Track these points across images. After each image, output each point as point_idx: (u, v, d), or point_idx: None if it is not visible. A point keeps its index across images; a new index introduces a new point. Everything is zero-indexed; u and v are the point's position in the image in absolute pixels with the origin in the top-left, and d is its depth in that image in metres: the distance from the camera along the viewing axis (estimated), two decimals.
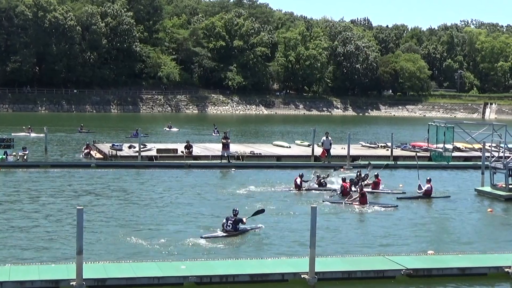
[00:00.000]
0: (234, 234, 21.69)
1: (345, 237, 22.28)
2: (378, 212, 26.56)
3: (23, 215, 24.20)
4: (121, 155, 42.56)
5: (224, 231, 21.76)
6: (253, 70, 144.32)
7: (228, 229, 21.74)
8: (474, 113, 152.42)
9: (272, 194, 29.94)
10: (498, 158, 31.83)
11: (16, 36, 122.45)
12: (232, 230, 21.75)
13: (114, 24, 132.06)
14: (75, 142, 55.15)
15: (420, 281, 17.42)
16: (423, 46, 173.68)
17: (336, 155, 43.11)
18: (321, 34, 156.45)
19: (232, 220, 21.86)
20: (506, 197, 29.89)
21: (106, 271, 16.56)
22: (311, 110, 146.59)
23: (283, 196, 29.63)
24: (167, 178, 35.06)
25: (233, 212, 22.28)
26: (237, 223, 21.92)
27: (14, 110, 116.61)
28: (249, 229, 22.32)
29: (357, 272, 17.35)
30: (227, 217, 22.10)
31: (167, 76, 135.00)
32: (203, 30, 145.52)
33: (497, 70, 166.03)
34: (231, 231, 21.73)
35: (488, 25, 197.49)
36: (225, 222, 21.90)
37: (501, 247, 20.64)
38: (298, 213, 25.42)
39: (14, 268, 16.63)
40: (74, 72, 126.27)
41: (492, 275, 17.84)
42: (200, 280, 16.51)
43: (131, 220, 23.97)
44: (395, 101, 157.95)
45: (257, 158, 43.32)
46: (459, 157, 44.57)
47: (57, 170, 36.54)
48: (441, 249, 20.39)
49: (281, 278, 16.91)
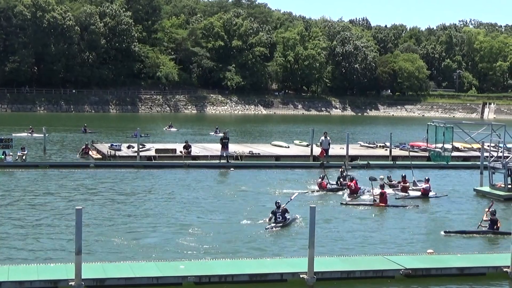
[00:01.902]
0: (286, 225, 22.92)
1: (343, 236, 22.28)
2: (379, 212, 26.56)
3: (22, 215, 24.18)
4: (120, 155, 42.54)
5: (277, 223, 22.86)
6: (252, 70, 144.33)
7: (279, 220, 22.91)
8: (473, 113, 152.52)
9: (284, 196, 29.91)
10: (497, 158, 31.81)
11: (14, 36, 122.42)
12: (283, 221, 23.03)
13: (112, 24, 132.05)
14: (79, 142, 54.55)
15: (419, 281, 17.42)
16: (422, 46, 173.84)
17: (334, 155, 43.08)
18: (320, 34, 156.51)
19: (280, 212, 23.08)
20: (505, 197, 29.87)
21: (105, 271, 16.54)
22: (309, 110, 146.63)
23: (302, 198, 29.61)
24: (166, 178, 35.05)
25: (276, 204, 23.43)
26: (285, 213, 23.18)
27: (13, 110, 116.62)
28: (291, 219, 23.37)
29: (356, 272, 17.34)
30: (273, 211, 23.24)
31: (165, 76, 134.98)
32: (201, 30, 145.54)
33: (496, 70, 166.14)
34: (282, 221, 22.99)
35: (487, 25, 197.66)
36: (272, 216, 23.08)
37: (500, 247, 20.63)
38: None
39: (12, 268, 16.61)
40: (72, 72, 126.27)
41: (491, 275, 17.83)
42: (199, 280, 16.51)
43: (130, 220, 23.96)
44: (394, 101, 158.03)
45: (256, 158, 43.31)
46: (458, 157, 44.54)
47: (56, 170, 36.51)
48: (440, 249, 20.39)
49: (280, 278, 16.90)
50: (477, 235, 22.42)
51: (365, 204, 27.90)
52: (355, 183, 30.07)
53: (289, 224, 23.11)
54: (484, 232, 22.47)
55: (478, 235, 22.43)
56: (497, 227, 22.46)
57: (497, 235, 22.31)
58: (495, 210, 23.05)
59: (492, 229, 22.42)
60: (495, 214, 22.79)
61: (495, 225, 22.49)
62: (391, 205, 27.56)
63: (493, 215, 22.66)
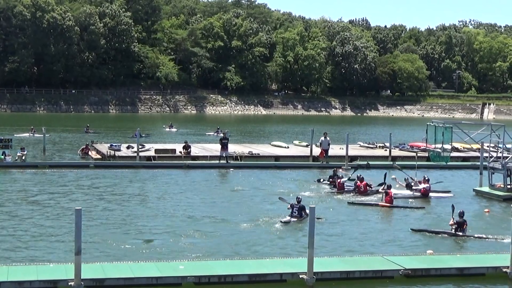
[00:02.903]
0: (300, 221, 23.70)
1: (344, 237, 22.29)
2: (377, 212, 26.57)
3: (21, 216, 24.18)
4: (119, 155, 42.53)
5: (292, 217, 23.76)
6: (252, 70, 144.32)
7: (295, 214, 23.78)
8: (472, 113, 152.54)
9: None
10: (496, 158, 31.80)
11: (14, 37, 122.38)
12: (299, 216, 23.87)
13: (112, 24, 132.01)
14: (79, 142, 54.43)
15: (419, 281, 17.42)
16: (421, 46, 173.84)
17: (334, 155, 43.06)
18: (319, 34, 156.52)
19: (297, 207, 24.01)
20: (505, 197, 29.87)
21: (104, 271, 16.55)
22: (309, 110, 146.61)
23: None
24: (165, 178, 35.04)
25: (297, 199, 24.47)
26: (302, 210, 23.92)
27: (13, 110, 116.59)
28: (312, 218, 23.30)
29: (355, 272, 17.35)
30: (291, 204, 24.37)
31: (165, 77, 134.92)
32: (201, 31, 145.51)
33: (495, 70, 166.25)
34: (298, 216, 23.87)
35: (486, 25, 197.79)
36: (290, 209, 24.13)
37: (499, 247, 20.63)
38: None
39: (12, 269, 16.61)
40: (72, 73, 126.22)
41: (490, 275, 17.84)
42: (199, 280, 16.51)
43: (129, 220, 23.96)
44: (393, 101, 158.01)
45: (256, 159, 43.29)
46: (457, 157, 44.57)
47: (55, 170, 36.49)
48: (440, 249, 20.40)
49: (279, 278, 16.91)
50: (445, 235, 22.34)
51: (370, 204, 27.93)
52: (364, 185, 29.97)
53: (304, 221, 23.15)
54: (450, 233, 22.42)
55: (445, 235, 22.37)
56: (462, 229, 22.42)
57: (463, 237, 22.22)
58: (463, 212, 22.91)
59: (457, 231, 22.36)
60: (463, 216, 22.66)
61: (462, 227, 22.44)
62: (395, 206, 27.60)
63: (460, 217, 22.58)
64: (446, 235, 22.37)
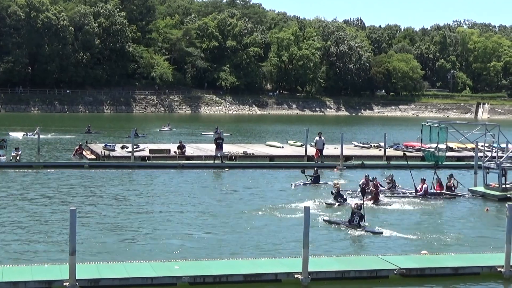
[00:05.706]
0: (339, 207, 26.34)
1: (338, 236, 22.30)
2: (373, 212, 26.58)
3: (16, 216, 24.10)
4: (114, 155, 42.47)
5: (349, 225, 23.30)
6: (246, 70, 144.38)
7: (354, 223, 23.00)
8: (467, 113, 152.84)
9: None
10: (491, 158, 31.88)
11: (8, 37, 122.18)
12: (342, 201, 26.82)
13: (107, 24, 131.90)
14: (73, 143, 54.16)
15: (414, 280, 17.44)
16: (416, 46, 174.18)
17: (329, 155, 43.10)
18: (314, 34, 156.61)
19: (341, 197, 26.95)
20: (499, 197, 29.89)
21: (99, 272, 16.51)
22: (304, 110, 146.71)
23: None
24: (160, 178, 35.01)
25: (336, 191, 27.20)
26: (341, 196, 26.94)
27: (7, 110, 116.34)
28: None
29: (350, 271, 17.35)
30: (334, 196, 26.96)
31: (160, 77, 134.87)
32: (196, 31, 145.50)
33: (490, 70, 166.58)
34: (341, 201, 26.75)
35: (481, 25, 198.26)
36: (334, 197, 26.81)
37: (494, 247, 20.66)
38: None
39: (6, 269, 16.56)
40: (66, 73, 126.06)
41: (485, 275, 17.86)
42: (194, 280, 16.48)
43: (124, 220, 23.92)
44: (388, 101, 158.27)
45: (250, 158, 43.28)
46: (452, 157, 44.57)
47: (50, 170, 36.41)
48: (435, 249, 20.42)
49: (274, 278, 16.89)
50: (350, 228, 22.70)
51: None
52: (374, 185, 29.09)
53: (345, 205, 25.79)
54: (354, 226, 22.77)
55: (349, 228, 22.73)
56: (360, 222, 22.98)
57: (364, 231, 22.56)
58: (360, 205, 23.20)
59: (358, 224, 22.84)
60: (361, 208, 23.03)
61: (362, 220, 22.94)
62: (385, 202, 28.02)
63: (358, 209, 23.01)
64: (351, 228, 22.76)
